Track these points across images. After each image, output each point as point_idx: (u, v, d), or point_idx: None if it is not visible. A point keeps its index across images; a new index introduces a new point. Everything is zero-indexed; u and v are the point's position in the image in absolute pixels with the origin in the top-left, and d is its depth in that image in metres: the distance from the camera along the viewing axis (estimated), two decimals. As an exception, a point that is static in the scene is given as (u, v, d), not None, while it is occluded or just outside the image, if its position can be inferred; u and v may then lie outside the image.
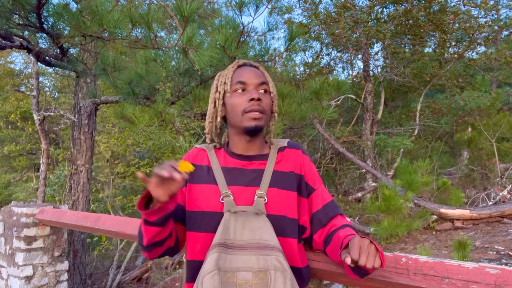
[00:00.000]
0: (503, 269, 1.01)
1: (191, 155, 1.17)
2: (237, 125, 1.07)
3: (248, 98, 1.04)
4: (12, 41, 3.19)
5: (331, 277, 1.38)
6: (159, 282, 5.02)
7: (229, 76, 1.07)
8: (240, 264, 0.93)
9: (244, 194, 1.04)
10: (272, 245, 0.95)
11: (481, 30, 7.65)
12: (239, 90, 1.06)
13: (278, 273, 0.91)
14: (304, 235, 1.12)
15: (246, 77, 1.06)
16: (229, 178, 1.07)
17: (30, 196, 9.48)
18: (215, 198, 1.04)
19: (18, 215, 2.85)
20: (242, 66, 1.11)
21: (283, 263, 0.92)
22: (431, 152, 9.86)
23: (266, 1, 2.72)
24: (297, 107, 3.14)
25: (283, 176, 1.07)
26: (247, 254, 0.94)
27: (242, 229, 0.97)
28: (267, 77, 1.11)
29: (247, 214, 0.99)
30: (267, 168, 1.07)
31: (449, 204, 6.01)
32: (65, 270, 3.01)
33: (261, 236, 0.96)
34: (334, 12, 8.65)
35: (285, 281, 0.90)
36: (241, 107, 1.04)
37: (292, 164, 1.10)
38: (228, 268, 0.92)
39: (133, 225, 2.15)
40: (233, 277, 0.92)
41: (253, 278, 0.91)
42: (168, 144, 6.26)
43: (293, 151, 1.13)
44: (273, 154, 1.10)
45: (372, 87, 9.26)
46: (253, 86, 1.06)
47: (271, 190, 1.04)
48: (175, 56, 3.56)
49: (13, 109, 10.96)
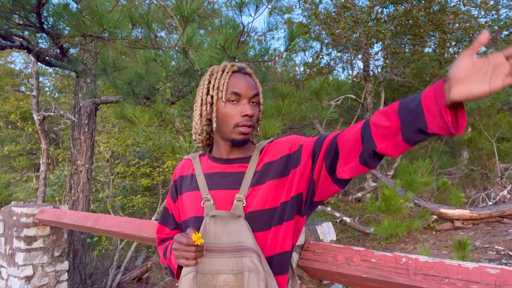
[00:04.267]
0: (503, 269, 1.01)
1: (179, 168, 1.23)
2: (225, 135, 1.09)
3: (241, 112, 1.05)
4: (12, 41, 3.19)
5: (331, 277, 1.38)
6: (159, 282, 5.03)
7: (225, 83, 1.06)
8: (221, 267, 0.98)
9: (225, 197, 1.06)
10: (248, 246, 0.97)
11: (481, 30, 7.65)
12: (233, 100, 1.06)
13: (252, 274, 0.94)
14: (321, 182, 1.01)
15: (241, 88, 1.06)
16: (210, 183, 1.10)
17: (30, 196, 9.48)
18: (198, 203, 1.09)
19: (18, 215, 2.85)
20: (237, 73, 1.09)
21: (256, 264, 0.95)
22: (431, 152, 9.86)
23: (266, 1, 2.72)
24: (297, 107, 3.14)
25: (265, 170, 1.07)
26: (227, 257, 0.98)
27: (222, 232, 1.01)
28: (259, 87, 1.12)
29: (226, 217, 1.02)
30: (248, 170, 1.08)
31: (449, 204, 6.01)
32: (65, 270, 3.01)
33: (239, 238, 0.99)
34: (334, 12, 8.65)
35: (259, 282, 0.93)
36: (234, 120, 1.06)
37: (277, 152, 1.10)
38: (207, 271, 0.98)
39: (133, 225, 2.15)
40: (213, 279, 0.97)
41: (234, 280, 0.96)
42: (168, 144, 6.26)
43: (273, 143, 1.13)
44: (255, 155, 1.11)
45: (372, 87, 9.26)
46: (247, 99, 1.07)
47: (251, 190, 1.05)
48: (175, 56, 3.56)
49: (13, 109, 10.97)
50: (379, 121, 0.83)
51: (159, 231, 1.25)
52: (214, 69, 1.12)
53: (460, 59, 0.70)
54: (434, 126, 0.75)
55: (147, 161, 7.33)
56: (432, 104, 0.74)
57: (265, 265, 0.99)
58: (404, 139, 0.80)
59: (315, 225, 1.56)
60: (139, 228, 2.09)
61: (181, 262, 0.95)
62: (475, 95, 0.69)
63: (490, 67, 0.68)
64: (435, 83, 0.76)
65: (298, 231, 1.10)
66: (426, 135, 0.78)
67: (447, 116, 0.72)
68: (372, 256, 1.27)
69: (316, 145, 1.01)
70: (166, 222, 1.24)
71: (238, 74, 1.09)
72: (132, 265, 6.03)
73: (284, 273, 1.06)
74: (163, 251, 1.23)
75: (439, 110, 0.73)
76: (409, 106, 0.78)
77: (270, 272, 0.99)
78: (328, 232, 1.60)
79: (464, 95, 0.69)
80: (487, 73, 0.68)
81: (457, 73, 0.70)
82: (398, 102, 0.82)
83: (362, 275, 1.24)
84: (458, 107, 0.75)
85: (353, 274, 1.27)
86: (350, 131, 0.91)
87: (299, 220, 1.08)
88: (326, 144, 0.98)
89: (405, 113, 0.78)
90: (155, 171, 6.98)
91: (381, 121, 0.82)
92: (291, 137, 1.11)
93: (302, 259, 1.44)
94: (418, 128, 0.77)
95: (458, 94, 0.70)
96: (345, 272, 1.29)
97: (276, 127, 2.80)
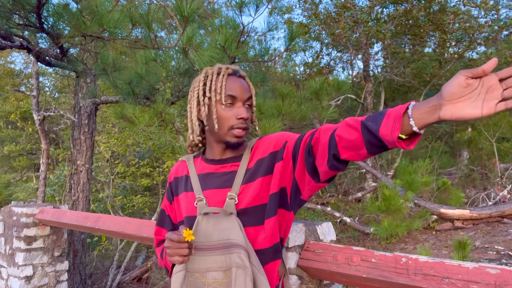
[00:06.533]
0: (503, 269, 1.01)
1: (173, 169, 1.25)
2: (219, 137, 1.11)
3: (236, 114, 1.07)
4: (12, 41, 3.20)
5: (331, 277, 1.38)
6: (159, 282, 5.03)
7: (222, 86, 1.07)
8: (210, 264, 1.00)
9: (217, 196, 1.08)
10: (237, 243, 1.00)
11: (481, 30, 7.65)
12: (228, 103, 1.08)
13: (240, 270, 0.96)
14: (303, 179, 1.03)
15: (236, 91, 1.08)
16: (204, 183, 1.12)
17: (30, 196, 9.48)
18: (192, 203, 1.11)
19: (18, 215, 2.85)
20: (232, 76, 1.11)
21: (244, 260, 0.97)
22: (431, 152, 9.86)
23: (266, 1, 2.72)
24: (297, 107, 3.14)
25: (257, 167, 1.09)
26: (216, 255, 1.00)
27: (213, 230, 1.03)
28: (252, 89, 1.15)
29: (218, 215, 1.05)
30: (240, 169, 1.10)
31: (449, 204, 6.01)
32: (65, 270, 3.01)
33: (229, 235, 1.01)
34: (334, 12, 8.65)
35: (245, 278, 0.95)
36: (229, 122, 1.08)
37: (266, 149, 1.11)
38: (196, 269, 1.01)
39: (133, 225, 2.15)
40: (202, 277, 0.99)
41: (223, 277, 0.98)
42: (168, 144, 6.27)
43: (262, 139, 1.15)
44: (246, 153, 1.13)
45: (372, 87, 9.26)
46: (241, 102, 1.09)
47: (243, 187, 1.07)
48: (175, 56, 3.56)
49: (13, 109, 10.96)
50: (344, 134, 0.86)
51: (157, 233, 1.27)
52: (208, 71, 1.13)
53: (455, 78, 0.70)
54: (392, 146, 0.80)
55: (147, 161, 7.33)
56: (387, 134, 0.77)
57: (255, 260, 1.01)
58: (368, 152, 0.84)
59: (315, 225, 1.56)
60: (139, 228, 2.10)
61: (173, 260, 0.96)
62: (466, 117, 0.69)
63: (484, 90, 0.68)
64: (397, 109, 0.77)
65: (287, 225, 1.12)
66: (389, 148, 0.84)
67: (400, 144, 0.77)
68: (372, 256, 1.27)
69: (296, 147, 1.02)
70: (163, 224, 1.25)
71: (233, 77, 1.11)
72: (132, 265, 6.03)
73: (277, 259, 1.09)
74: (160, 252, 1.24)
75: (393, 142, 0.76)
76: (371, 127, 0.80)
77: (260, 267, 1.02)
78: (328, 232, 1.60)
79: (455, 117, 0.70)
80: (480, 95, 0.68)
81: (450, 93, 0.70)
82: (362, 120, 0.84)
83: (362, 275, 1.24)
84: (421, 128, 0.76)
85: (353, 274, 1.27)
86: (322, 135, 0.92)
87: (285, 214, 1.10)
88: (303, 148, 0.99)
89: (366, 133, 0.81)
90: (155, 171, 6.98)
91: (346, 135, 0.85)
92: (279, 134, 1.13)
93: (302, 259, 1.44)
94: (379, 146, 0.81)
95: (448, 115, 0.70)
96: (345, 272, 1.29)
97: (276, 127, 2.80)
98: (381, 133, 0.77)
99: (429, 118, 0.73)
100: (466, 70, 0.70)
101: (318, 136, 0.94)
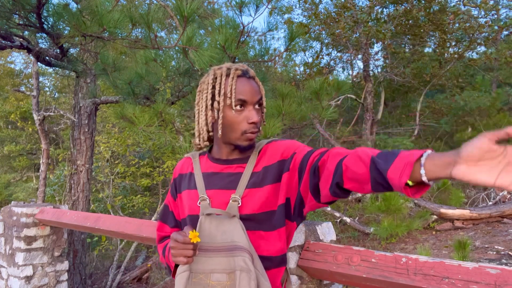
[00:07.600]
0: (503, 269, 1.01)
1: (178, 166, 1.24)
2: (230, 140, 1.08)
3: (247, 119, 1.05)
4: (12, 41, 3.20)
5: (331, 277, 1.38)
6: (159, 282, 5.03)
7: (232, 90, 1.04)
8: (214, 266, 0.99)
9: (220, 197, 1.07)
10: (241, 246, 0.99)
11: (481, 30, 7.65)
12: (239, 106, 1.05)
13: (244, 274, 0.95)
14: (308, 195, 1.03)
15: (247, 94, 1.05)
16: (208, 182, 1.11)
17: (30, 196, 9.48)
18: (195, 202, 1.10)
19: (18, 215, 2.85)
20: (242, 77, 1.07)
21: (248, 263, 0.96)
22: (431, 152, 9.84)
23: (266, 1, 2.72)
24: (297, 107, 3.14)
25: (264, 173, 1.07)
26: (221, 256, 1.00)
27: (216, 231, 1.02)
28: (262, 89, 1.11)
29: (221, 217, 1.04)
30: (245, 171, 1.08)
31: (449, 204, 6.01)
32: (65, 270, 3.01)
33: (232, 238, 1.00)
34: (334, 12, 8.65)
35: (250, 281, 0.94)
36: (241, 127, 1.05)
37: (273, 156, 1.10)
38: (200, 270, 1.00)
39: (133, 225, 2.15)
40: (206, 278, 0.98)
41: (227, 279, 0.97)
42: (168, 144, 6.26)
43: (271, 144, 1.13)
44: (253, 156, 1.11)
45: (372, 87, 9.26)
46: (252, 105, 1.06)
47: (248, 191, 1.06)
48: (175, 56, 3.56)
49: (13, 109, 10.96)
50: (352, 165, 0.84)
51: (159, 229, 1.26)
52: (216, 72, 1.08)
53: (478, 140, 0.66)
54: (398, 190, 0.77)
55: (147, 161, 7.33)
56: (395, 178, 0.74)
57: (258, 264, 1.00)
58: (373, 189, 0.83)
59: (315, 225, 1.56)
60: (139, 228, 2.09)
61: (178, 260, 0.96)
62: (478, 183, 0.67)
63: (504, 160, 0.65)
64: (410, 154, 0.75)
65: (289, 234, 1.12)
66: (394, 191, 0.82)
67: (406, 191, 0.75)
68: (372, 256, 1.27)
69: (303, 162, 1.01)
70: (166, 219, 1.25)
71: (243, 78, 1.07)
72: (132, 265, 6.03)
73: (282, 266, 1.09)
74: (162, 249, 1.23)
75: (399, 187, 0.74)
76: (381, 166, 0.78)
77: (264, 272, 1.01)
78: (328, 232, 1.60)
79: (466, 178, 0.67)
80: (499, 166, 0.65)
81: (470, 154, 0.66)
82: (373, 155, 0.82)
83: (362, 275, 1.24)
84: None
85: (353, 274, 1.27)
86: (331, 159, 0.91)
87: (289, 224, 1.09)
88: (309, 166, 0.98)
89: (374, 171, 0.80)
90: (155, 171, 6.98)
91: (354, 167, 0.84)
92: (288, 142, 1.10)
93: (302, 259, 1.44)
94: (384, 186, 0.80)
95: (460, 175, 0.67)
96: (345, 272, 1.29)
97: (276, 127, 2.80)
98: (389, 176, 0.75)
99: (440, 173, 0.70)
100: (491, 133, 0.65)
101: (326, 159, 0.93)
